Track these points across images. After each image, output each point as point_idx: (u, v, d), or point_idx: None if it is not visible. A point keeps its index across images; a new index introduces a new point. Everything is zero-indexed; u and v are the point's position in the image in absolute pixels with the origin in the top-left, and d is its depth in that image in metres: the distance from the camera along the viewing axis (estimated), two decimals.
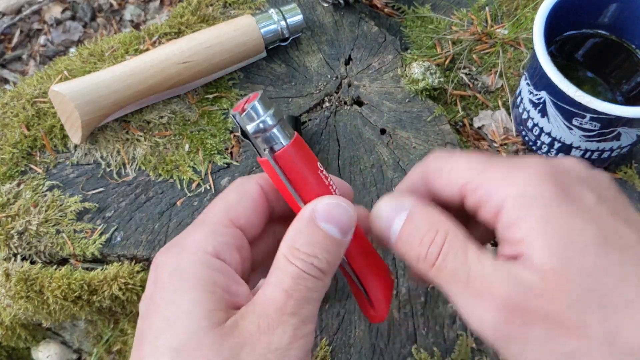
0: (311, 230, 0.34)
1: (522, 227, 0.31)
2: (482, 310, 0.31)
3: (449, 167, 0.35)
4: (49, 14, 1.40)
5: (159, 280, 0.33)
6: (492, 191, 0.32)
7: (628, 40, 0.60)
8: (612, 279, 0.29)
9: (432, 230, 0.33)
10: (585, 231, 0.30)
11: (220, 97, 0.65)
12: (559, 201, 0.31)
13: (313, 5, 0.70)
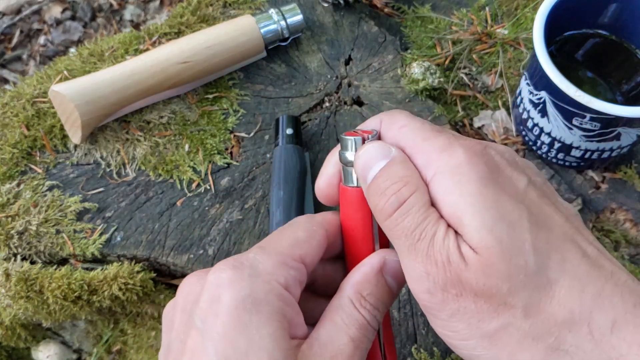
0: (379, 282, 0.35)
1: (451, 201, 0.32)
2: (422, 276, 0.32)
3: (402, 123, 0.35)
4: (49, 14, 1.40)
5: (222, 303, 0.32)
6: (429, 159, 0.33)
7: (628, 40, 0.60)
8: (538, 257, 0.30)
9: (401, 182, 0.33)
10: (518, 209, 0.31)
11: (220, 97, 0.65)
12: (491, 179, 0.32)
13: (313, 5, 0.70)
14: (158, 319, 0.63)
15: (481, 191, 0.31)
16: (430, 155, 0.33)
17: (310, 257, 0.36)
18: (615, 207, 0.60)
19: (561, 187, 0.61)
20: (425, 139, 0.34)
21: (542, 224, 0.31)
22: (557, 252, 0.31)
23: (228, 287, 0.32)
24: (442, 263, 0.31)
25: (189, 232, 0.58)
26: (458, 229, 0.31)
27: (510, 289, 0.30)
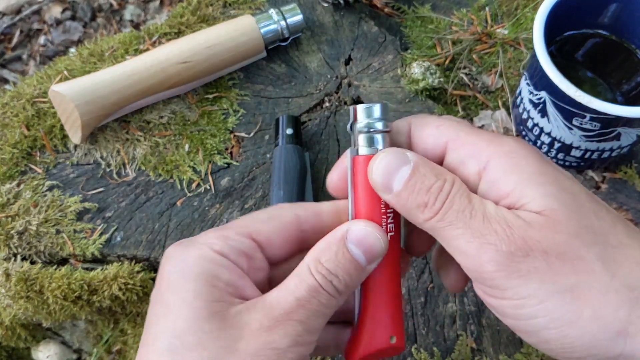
0: (339, 249, 0.34)
1: (512, 180, 0.32)
2: (483, 248, 0.31)
3: (437, 123, 0.36)
4: (49, 14, 1.40)
5: (164, 272, 0.34)
6: (479, 148, 0.34)
7: (628, 40, 0.60)
8: (604, 222, 0.32)
9: (440, 180, 0.33)
10: (575, 185, 0.33)
11: (220, 97, 0.65)
12: (547, 162, 0.33)
13: (313, 5, 0.70)
14: None
15: (540, 169, 0.32)
16: (479, 145, 0.34)
17: (265, 236, 0.36)
18: (615, 207, 0.60)
19: None
20: (469, 134, 0.34)
21: (598, 202, 0.33)
22: (620, 223, 0.32)
23: (168, 259, 0.35)
24: (503, 229, 0.31)
25: (189, 232, 0.58)
26: (519, 201, 0.32)
27: (583, 244, 0.31)
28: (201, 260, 0.33)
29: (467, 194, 0.33)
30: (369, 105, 0.37)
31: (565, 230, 0.31)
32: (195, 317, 0.32)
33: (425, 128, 0.36)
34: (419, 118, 0.37)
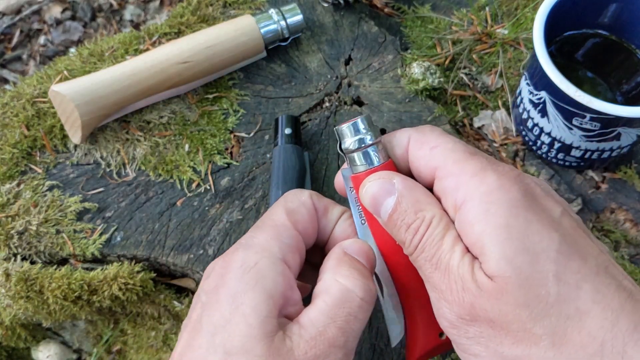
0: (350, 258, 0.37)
1: (477, 230, 0.32)
2: (439, 302, 0.33)
3: (433, 143, 0.36)
4: (48, 14, 1.40)
5: (225, 276, 0.35)
6: (459, 183, 0.33)
7: (628, 40, 0.60)
8: (566, 287, 0.30)
9: (418, 219, 0.34)
10: (547, 238, 0.31)
11: (220, 97, 0.65)
12: (524, 207, 0.32)
13: (313, 5, 0.70)
14: (158, 319, 0.63)
15: (509, 222, 0.31)
16: (461, 179, 0.33)
17: (303, 223, 0.37)
18: (615, 207, 0.60)
19: (561, 187, 0.61)
20: (456, 162, 0.34)
21: (575, 254, 0.31)
22: (590, 282, 0.30)
23: (229, 264, 0.35)
24: (457, 291, 0.32)
25: (189, 232, 0.58)
26: (479, 257, 0.32)
27: (531, 316, 0.29)
28: (264, 268, 0.34)
29: (439, 237, 0.33)
30: (351, 122, 0.37)
31: (513, 301, 0.30)
32: (250, 337, 0.32)
33: (421, 148, 0.36)
34: (419, 133, 0.37)
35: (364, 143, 0.37)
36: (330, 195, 0.59)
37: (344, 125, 0.37)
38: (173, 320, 0.63)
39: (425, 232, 0.34)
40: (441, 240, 0.33)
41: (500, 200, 0.32)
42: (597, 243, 0.33)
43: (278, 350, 0.32)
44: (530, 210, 0.31)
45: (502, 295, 0.30)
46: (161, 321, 0.63)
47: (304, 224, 0.38)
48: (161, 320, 0.63)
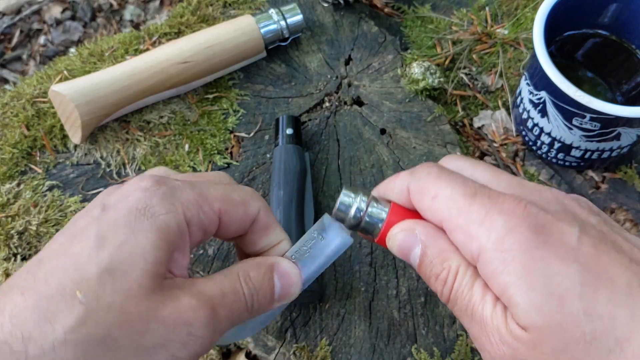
0: (267, 273, 0.37)
1: (501, 282, 0.31)
2: (482, 350, 0.33)
3: (432, 193, 0.35)
4: (48, 14, 1.40)
5: (128, 201, 0.33)
6: (470, 236, 0.33)
7: (628, 40, 0.60)
8: (601, 321, 0.29)
9: (445, 269, 0.34)
10: (568, 274, 0.30)
11: (220, 97, 0.65)
12: (538, 246, 0.31)
13: (313, 5, 0.70)
14: None
15: (527, 268, 0.30)
16: (469, 230, 0.32)
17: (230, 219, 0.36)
18: (615, 207, 0.60)
19: (561, 187, 0.61)
20: (460, 212, 0.33)
21: (601, 280, 0.30)
22: (623, 307, 0.29)
23: (140, 192, 0.33)
24: (496, 342, 0.31)
25: None
26: (508, 308, 0.31)
27: (572, 358, 0.29)
28: (171, 221, 0.33)
29: (469, 287, 0.33)
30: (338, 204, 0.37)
31: (551, 350, 0.29)
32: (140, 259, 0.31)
33: (422, 199, 0.35)
34: (416, 181, 0.36)
35: (362, 210, 0.37)
36: (330, 194, 0.59)
37: (335, 210, 0.38)
38: None
39: (453, 283, 0.34)
40: (471, 290, 0.33)
41: (513, 247, 0.31)
42: (626, 248, 0.32)
43: (161, 292, 0.31)
44: (545, 248, 0.31)
45: (539, 345, 0.30)
46: None
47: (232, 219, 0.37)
48: None
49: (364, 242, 0.57)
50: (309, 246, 0.39)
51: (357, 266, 0.56)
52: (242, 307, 0.35)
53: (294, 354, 0.52)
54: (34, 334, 0.28)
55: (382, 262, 0.56)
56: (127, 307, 0.30)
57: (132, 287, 0.31)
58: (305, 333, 0.53)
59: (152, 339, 0.31)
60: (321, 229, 0.39)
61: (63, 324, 0.29)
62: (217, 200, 0.36)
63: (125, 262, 0.31)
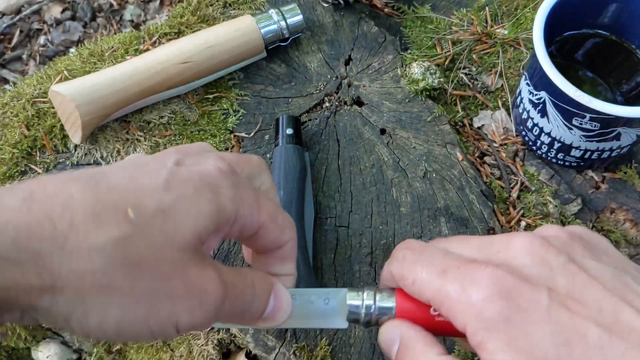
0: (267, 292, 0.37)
1: (490, 347, 0.32)
2: None
3: (410, 278, 0.36)
4: (48, 14, 1.40)
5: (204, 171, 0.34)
6: (454, 312, 0.34)
7: (628, 40, 0.60)
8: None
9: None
10: (544, 336, 0.31)
11: (221, 97, 0.65)
12: (512, 313, 0.32)
13: (313, 5, 0.70)
14: None
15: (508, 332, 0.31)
16: (451, 308, 0.34)
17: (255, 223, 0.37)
18: (615, 207, 0.61)
19: (561, 187, 0.61)
20: (439, 292, 0.34)
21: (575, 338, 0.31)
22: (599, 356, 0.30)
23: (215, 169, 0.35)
24: None
25: None
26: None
27: None
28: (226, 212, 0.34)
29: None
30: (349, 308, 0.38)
31: None
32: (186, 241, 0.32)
33: (405, 284, 0.37)
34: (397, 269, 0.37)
35: (370, 308, 0.38)
36: (330, 194, 0.59)
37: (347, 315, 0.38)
38: None
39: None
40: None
41: (492, 316, 0.32)
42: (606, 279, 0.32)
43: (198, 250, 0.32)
44: (520, 312, 0.31)
45: None
46: None
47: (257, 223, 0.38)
48: None
49: (364, 242, 0.57)
50: (311, 300, 0.39)
51: (357, 266, 0.56)
52: (242, 307, 0.35)
53: (294, 353, 0.52)
54: (80, 229, 0.29)
55: (382, 262, 0.56)
56: (166, 250, 0.31)
57: (177, 235, 0.32)
58: (305, 333, 0.53)
59: (169, 290, 0.31)
60: (333, 297, 0.39)
61: (108, 233, 0.29)
62: (265, 214, 0.37)
63: (181, 213, 0.32)
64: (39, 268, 0.28)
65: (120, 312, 0.30)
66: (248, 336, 0.54)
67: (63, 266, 0.28)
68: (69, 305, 0.29)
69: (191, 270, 0.32)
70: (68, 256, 0.28)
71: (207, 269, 0.33)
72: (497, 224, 0.58)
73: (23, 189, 0.30)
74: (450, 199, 0.59)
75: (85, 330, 0.30)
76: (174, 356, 0.61)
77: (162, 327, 0.31)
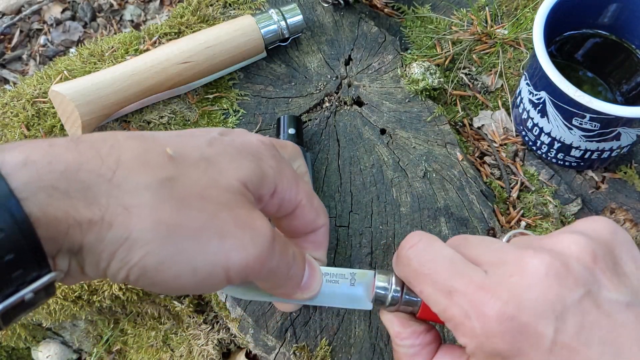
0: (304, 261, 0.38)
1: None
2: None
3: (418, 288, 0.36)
4: (48, 14, 1.40)
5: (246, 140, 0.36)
6: (457, 333, 0.33)
7: (628, 40, 0.60)
8: None
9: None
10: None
11: (220, 97, 0.65)
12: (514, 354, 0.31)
13: (313, 5, 0.70)
14: (158, 318, 0.63)
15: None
16: (456, 330, 0.34)
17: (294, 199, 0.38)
18: (615, 207, 0.61)
19: (561, 187, 0.61)
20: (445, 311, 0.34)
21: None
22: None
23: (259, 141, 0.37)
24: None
25: None
26: None
27: None
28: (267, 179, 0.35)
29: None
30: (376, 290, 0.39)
31: None
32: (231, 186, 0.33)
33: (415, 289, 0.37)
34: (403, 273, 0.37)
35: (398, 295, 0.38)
36: (330, 194, 0.59)
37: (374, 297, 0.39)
38: (173, 320, 0.63)
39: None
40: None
41: (493, 352, 0.32)
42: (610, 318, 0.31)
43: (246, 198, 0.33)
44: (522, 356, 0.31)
45: None
46: (161, 321, 0.63)
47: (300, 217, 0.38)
48: (161, 320, 0.63)
49: (364, 241, 0.57)
50: (337, 280, 0.40)
51: (357, 266, 0.56)
52: (286, 263, 0.35)
53: (294, 353, 0.52)
54: (127, 166, 0.30)
55: (382, 262, 0.56)
56: (212, 190, 0.31)
57: (221, 179, 0.32)
58: (305, 333, 0.53)
59: (218, 226, 0.31)
60: (360, 279, 0.39)
61: (154, 173, 0.30)
62: (303, 194, 0.37)
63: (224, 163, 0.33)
64: (88, 200, 0.28)
65: (164, 249, 0.29)
66: (248, 336, 0.54)
67: (111, 200, 0.28)
68: (115, 241, 0.28)
69: (239, 209, 0.32)
70: (116, 190, 0.29)
71: (256, 211, 0.33)
72: (497, 224, 0.58)
73: (71, 135, 0.31)
74: (450, 199, 0.59)
75: (126, 269, 0.29)
76: (174, 356, 0.61)
77: (210, 270, 0.30)
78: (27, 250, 0.26)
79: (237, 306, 0.55)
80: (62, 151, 0.29)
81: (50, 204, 0.27)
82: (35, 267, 0.27)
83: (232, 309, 0.56)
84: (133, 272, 0.29)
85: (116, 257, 0.29)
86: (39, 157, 0.28)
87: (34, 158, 0.27)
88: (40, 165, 0.27)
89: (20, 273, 0.27)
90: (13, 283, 0.27)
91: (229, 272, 0.31)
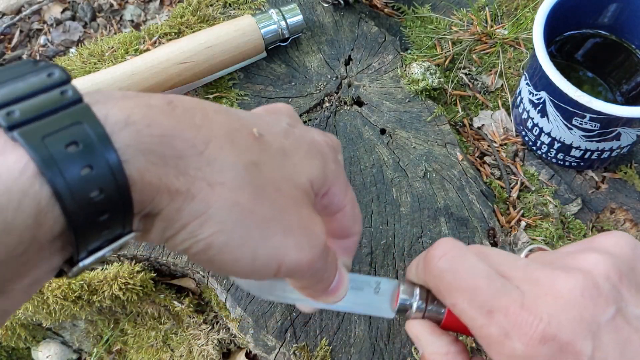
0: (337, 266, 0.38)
1: None
2: None
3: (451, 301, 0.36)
4: (49, 14, 1.40)
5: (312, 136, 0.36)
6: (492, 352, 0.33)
7: (628, 40, 0.60)
8: None
9: None
10: None
11: (221, 97, 0.65)
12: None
13: (313, 5, 0.70)
14: (158, 318, 0.63)
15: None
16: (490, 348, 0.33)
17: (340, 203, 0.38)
18: (615, 207, 0.61)
19: (561, 187, 0.61)
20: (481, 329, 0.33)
21: None
22: None
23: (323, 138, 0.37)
24: None
25: None
26: None
27: None
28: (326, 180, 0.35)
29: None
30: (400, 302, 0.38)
31: None
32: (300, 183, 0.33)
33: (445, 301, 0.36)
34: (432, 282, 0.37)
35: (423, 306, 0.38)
36: None
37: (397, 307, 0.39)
38: (173, 320, 0.63)
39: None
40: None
41: None
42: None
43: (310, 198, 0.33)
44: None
45: None
46: (161, 321, 0.63)
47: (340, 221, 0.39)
48: (161, 320, 0.63)
49: (364, 241, 0.57)
50: (362, 287, 0.40)
51: (357, 266, 0.56)
52: (326, 268, 0.35)
53: (294, 353, 0.52)
54: (217, 142, 0.30)
55: (382, 262, 0.56)
56: (285, 184, 0.32)
57: (294, 175, 0.32)
58: (305, 333, 0.53)
59: (285, 221, 0.31)
60: (384, 287, 0.39)
61: (241, 154, 0.30)
62: (350, 200, 0.38)
63: (298, 158, 0.33)
64: (179, 170, 0.28)
65: (234, 232, 0.29)
66: (248, 336, 0.54)
67: (199, 173, 0.28)
68: (193, 213, 0.28)
69: (304, 210, 0.32)
70: (205, 164, 0.28)
71: (316, 214, 0.34)
72: (497, 224, 0.58)
73: (162, 96, 0.30)
74: (450, 199, 0.59)
75: (191, 241, 0.29)
76: (174, 356, 0.61)
77: (266, 261, 0.31)
78: (120, 211, 0.26)
79: (237, 306, 0.55)
80: (159, 114, 0.28)
81: (148, 170, 0.27)
82: (120, 227, 0.27)
83: (232, 309, 0.56)
84: (197, 246, 0.29)
85: (187, 228, 0.29)
86: (139, 118, 0.27)
87: (135, 118, 0.27)
88: (140, 127, 0.27)
89: (108, 232, 0.27)
90: (99, 241, 0.27)
91: (281, 267, 0.31)
